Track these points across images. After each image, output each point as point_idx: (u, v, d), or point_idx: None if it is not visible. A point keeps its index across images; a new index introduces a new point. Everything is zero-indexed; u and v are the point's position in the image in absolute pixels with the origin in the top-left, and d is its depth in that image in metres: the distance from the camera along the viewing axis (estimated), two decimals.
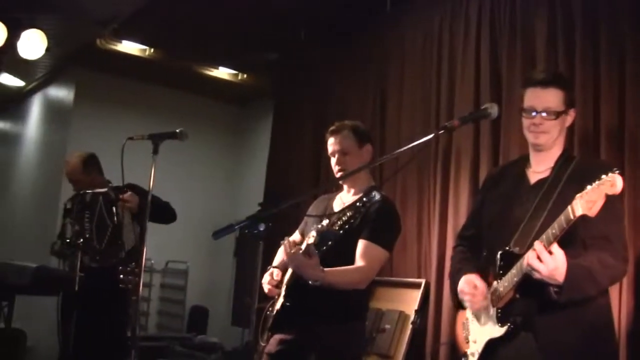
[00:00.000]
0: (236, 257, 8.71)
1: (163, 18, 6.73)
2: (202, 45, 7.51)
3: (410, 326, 4.96)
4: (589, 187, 2.23)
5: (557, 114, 2.74)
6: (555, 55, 4.37)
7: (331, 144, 3.60)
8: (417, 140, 2.83)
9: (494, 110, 2.81)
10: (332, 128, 3.62)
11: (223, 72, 8.39)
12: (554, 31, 4.41)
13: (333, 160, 3.59)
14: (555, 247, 2.38)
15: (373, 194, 3.42)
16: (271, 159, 7.39)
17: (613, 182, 2.17)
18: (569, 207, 2.30)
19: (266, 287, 3.51)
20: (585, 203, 2.21)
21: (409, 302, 5.10)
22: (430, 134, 2.81)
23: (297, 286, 3.37)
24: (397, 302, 5.21)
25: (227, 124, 9.61)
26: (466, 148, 4.93)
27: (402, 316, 5.08)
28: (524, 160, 2.96)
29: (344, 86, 6.47)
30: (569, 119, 2.83)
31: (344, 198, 3.63)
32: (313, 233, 3.32)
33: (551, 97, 2.76)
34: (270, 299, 3.54)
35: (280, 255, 3.69)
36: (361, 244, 3.37)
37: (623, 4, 3.99)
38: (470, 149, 4.89)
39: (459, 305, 2.96)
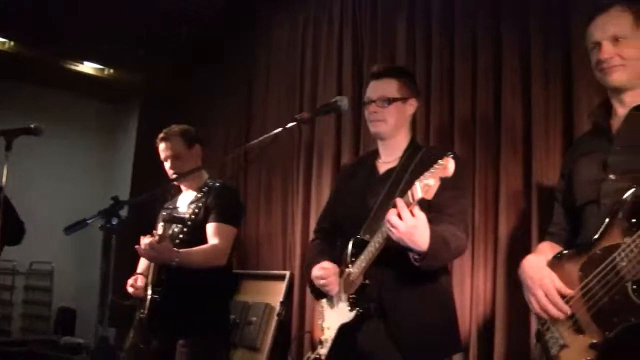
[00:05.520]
0: (105, 255, 8.51)
1: (24, 10, 6.46)
2: (66, 39, 7.28)
3: (275, 317, 5.03)
4: (426, 172, 2.32)
5: (391, 100, 2.85)
6: (413, 49, 4.47)
7: (162, 149, 3.78)
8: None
9: (343, 103, 2.88)
10: (161, 135, 3.80)
11: (88, 67, 8.15)
12: (412, 29, 4.52)
13: (167, 165, 3.78)
14: (417, 210, 2.38)
15: (211, 183, 3.74)
16: (137, 157, 7.28)
17: (445, 166, 2.26)
18: (409, 192, 2.35)
19: (132, 292, 3.65)
20: (423, 187, 2.30)
21: (275, 294, 5.17)
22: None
23: (161, 281, 3.53)
24: (263, 295, 5.28)
25: (95, 120, 9.37)
26: (328, 142, 5.02)
27: (268, 308, 5.15)
28: (375, 153, 3.04)
29: (213, 82, 6.47)
30: (409, 108, 2.92)
31: (186, 197, 3.83)
32: (160, 224, 3.54)
33: (384, 86, 2.89)
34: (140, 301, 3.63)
35: (143, 261, 3.81)
36: (210, 227, 3.60)
37: (478, 7, 4.11)
38: (333, 142, 4.97)
39: (318, 295, 2.99)
